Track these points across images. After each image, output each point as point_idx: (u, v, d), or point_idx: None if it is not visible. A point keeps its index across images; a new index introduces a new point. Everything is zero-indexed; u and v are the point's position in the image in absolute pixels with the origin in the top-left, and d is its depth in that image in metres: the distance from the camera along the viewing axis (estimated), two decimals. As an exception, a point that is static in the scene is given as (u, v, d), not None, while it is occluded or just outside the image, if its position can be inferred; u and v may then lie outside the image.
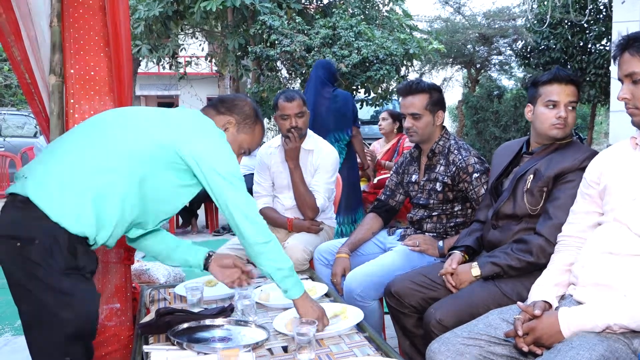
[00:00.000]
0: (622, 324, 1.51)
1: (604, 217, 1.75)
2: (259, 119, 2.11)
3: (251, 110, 2.08)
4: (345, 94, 4.84)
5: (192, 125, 1.89)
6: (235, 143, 2.02)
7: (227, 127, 2.02)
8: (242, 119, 2.05)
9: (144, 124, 1.85)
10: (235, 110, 2.05)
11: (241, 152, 2.08)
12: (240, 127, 2.05)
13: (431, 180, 2.64)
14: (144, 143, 1.79)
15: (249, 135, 2.07)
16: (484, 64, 15.18)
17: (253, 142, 2.10)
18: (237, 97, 2.12)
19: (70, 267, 1.70)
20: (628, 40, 1.65)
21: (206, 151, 1.83)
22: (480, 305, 1.99)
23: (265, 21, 8.40)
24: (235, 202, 1.82)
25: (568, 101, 2.12)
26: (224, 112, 2.04)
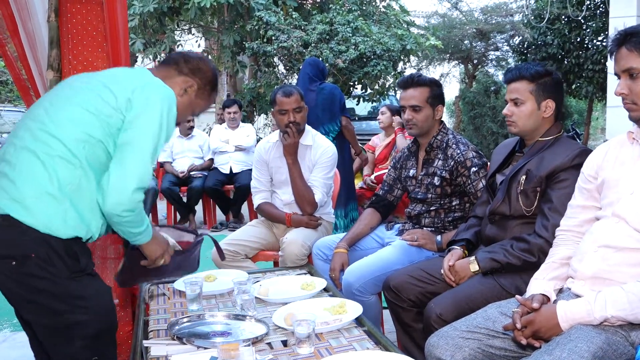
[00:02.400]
0: (620, 316, 1.52)
1: (602, 212, 1.76)
2: (216, 85, 2.06)
3: (213, 76, 2.02)
4: (331, 85, 4.89)
5: (131, 82, 1.78)
6: (190, 107, 1.99)
7: (187, 89, 1.95)
8: (203, 83, 1.99)
9: (80, 98, 1.75)
10: (199, 74, 1.98)
11: (193, 115, 2.08)
12: (200, 92, 1.99)
13: (429, 175, 2.65)
14: (87, 118, 1.71)
15: (205, 101, 2.03)
16: (481, 60, 15.20)
17: (204, 108, 2.07)
18: (201, 60, 2.03)
19: (74, 271, 1.70)
20: (625, 35, 1.64)
21: (140, 109, 1.74)
22: (479, 300, 2.00)
23: (261, 17, 8.39)
24: (128, 164, 1.70)
25: (510, 98, 2.18)
26: (187, 74, 1.96)
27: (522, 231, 2.12)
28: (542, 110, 2.15)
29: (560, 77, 2.21)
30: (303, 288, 2.25)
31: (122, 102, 1.73)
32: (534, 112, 2.15)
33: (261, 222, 3.25)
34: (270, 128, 11.22)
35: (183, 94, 1.94)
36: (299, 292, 2.20)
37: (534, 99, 2.14)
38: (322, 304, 2.04)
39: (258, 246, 3.09)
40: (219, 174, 6.27)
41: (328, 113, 4.71)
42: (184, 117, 2.00)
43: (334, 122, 4.74)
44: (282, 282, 2.36)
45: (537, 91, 2.14)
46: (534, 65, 2.17)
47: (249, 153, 6.17)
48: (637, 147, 1.71)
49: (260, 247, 3.10)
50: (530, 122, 2.16)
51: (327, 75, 5.21)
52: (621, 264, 1.63)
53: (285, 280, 2.40)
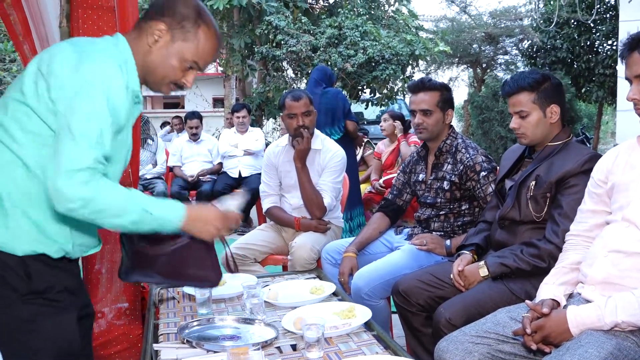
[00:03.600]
0: (631, 321, 1.51)
1: (612, 216, 1.75)
2: (202, 18, 1.59)
3: (190, 8, 1.59)
4: (335, 90, 4.93)
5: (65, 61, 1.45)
6: (172, 55, 1.57)
7: (158, 35, 1.56)
8: (177, 21, 1.57)
9: (18, 88, 1.48)
10: (167, 11, 1.57)
11: (186, 66, 1.60)
12: (176, 32, 1.57)
13: (438, 179, 2.65)
14: (23, 111, 1.45)
15: (191, 42, 1.58)
16: (489, 64, 15.16)
17: (199, 51, 1.59)
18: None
19: (28, 293, 1.46)
20: (636, 40, 1.63)
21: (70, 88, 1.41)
22: (489, 304, 1.99)
23: (271, 21, 8.43)
24: (62, 153, 1.37)
25: (514, 111, 2.17)
26: (153, 17, 1.57)
27: (532, 236, 2.11)
28: (548, 117, 2.14)
29: (558, 80, 2.20)
30: (312, 292, 2.25)
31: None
32: (541, 120, 2.14)
33: (270, 226, 3.26)
34: (279, 132, 11.25)
35: (154, 43, 1.56)
36: (308, 296, 2.21)
37: (538, 108, 2.13)
38: (331, 308, 2.04)
39: (267, 250, 3.10)
40: (228, 178, 6.29)
41: (330, 117, 4.74)
42: (170, 72, 1.60)
43: (336, 125, 4.76)
44: (291, 286, 2.37)
45: (540, 99, 2.13)
46: (530, 73, 2.15)
47: (257, 157, 6.19)
48: (648, 151, 1.71)
49: (269, 251, 3.11)
50: (538, 131, 2.15)
51: (334, 81, 5.25)
52: (632, 269, 1.62)
53: (294, 284, 2.40)
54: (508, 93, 2.17)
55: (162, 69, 1.58)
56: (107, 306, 2.51)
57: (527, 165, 2.25)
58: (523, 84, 2.12)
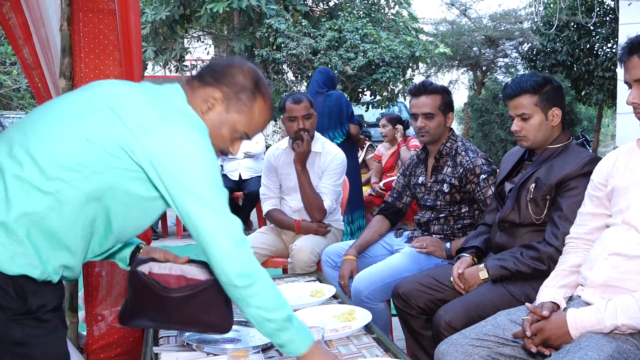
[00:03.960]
0: (631, 324, 1.52)
1: (612, 219, 1.75)
2: (260, 91, 1.56)
3: (249, 79, 1.54)
4: (337, 93, 4.93)
5: (145, 110, 1.40)
6: (224, 125, 1.53)
7: (213, 103, 1.52)
8: (233, 91, 1.53)
9: (78, 120, 1.39)
10: (225, 79, 1.53)
11: (235, 136, 1.57)
12: (232, 103, 1.53)
13: (438, 182, 2.65)
14: (80, 146, 1.36)
15: (245, 114, 1.54)
16: (489, 67, 15.17)
17: (252, 124, 1.57)
18: (230, 62, 1.59)
19: (19, 313, 1.36)
20: (635, 44, 1.63)
21: (163, 148, 1.35)
22: (489, 307, 1.99)
23: (271, 24, 8.44)
24: (206, 227, 1.36)
25: (516, 114, 2.15)
26: (210, 84, 1.53)
27: (532, 239, 2.11)
28: (550, 119, 2.14)
29: (559, 83, 2.20)
30: (312, 295, 2.25)
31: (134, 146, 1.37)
32: (543, 123, 2.14)
33: (270, 229, 3.26)
34: (280, 135, 11.26)
35: (207, 111, 1.52)
36: (308, 299, 2.21)
37: (540, 111, 2.13)
38: (331, 311, 2.04)
39: (267, 253, 3.10)
40: (228, 181, 6.28)
41: (334, 120, 4.74)
42: (219, 141, 1.55)
43: (338, 129, 4.76)
44: (291, 289, 2.36)
45: (542, 102, 2.13)
46: (531, 76, 2.15)
47: (258, 160, 6.19)
48: (647, 154, 1.71)
49: (269, 254, 3.11)
50: (540, 134, 2.15)
51: (336, 83, 5.25)
52: (632, 272, 1.62)
53: (294, 287, 2.40)
54: (510, 96, 2.16)
55: (212, 138, 1.49)
56: (107, 309, 2.51)
57: (526, 167, 2.25)
58: (525, 87, 2.12)
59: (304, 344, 1.45)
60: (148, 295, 1.60)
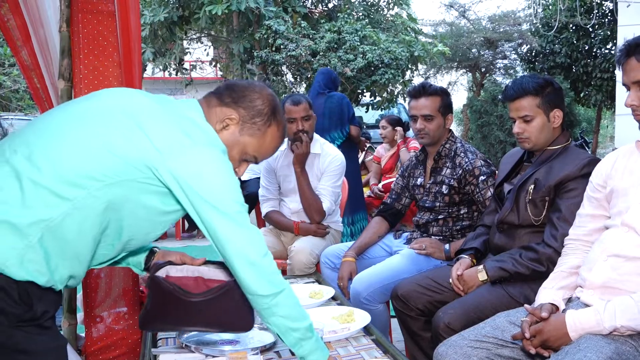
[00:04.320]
0: (630, 326, 1.52)
1: (611, 221, 1.75)
2: (275, 118, 1.60)
3: (267, 105, 1.59)
4: (339, 94, 4.93)
5: (170, 129, 1.41)
6: (236, 146, 1.57)
7: (228, 123, 1.56)
8: (250, 115, 1.57)
9: (102, 131, 1.39)
10: (243, 102, 1.57)
11: (244, 158, 1.62)
12: (246, 126, 1.57)
13: (437, 183, 2.65)
14: (104, 158, 1.35)
15: (257, 138, 1.59)
16: (488, 68, 15.18)
17: (262, 149, 1.61)
18: (251, 86, 1.62)
19: (23, 320, 1.34)
20: (634, 46, 1.63)
21: (190, 169, 1.38)
22: (488, 309, 1.99)
23: (270, 26, 8.44)
24: (233, 242, 1.41)
25: (518, 116, 2.15)
26: (228, 104, 1.57)
27: (531, 240, 2.11)
28: (551, 121, 2.14)
29: (559, 85, 2.21)
30: (311, 297, 2.25)
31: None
32: (545, 125, 2.14)
33: (269, 230, 3.26)
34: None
35: (222, 130, 1.55)
36: (307, 301, 2.20)
37: (542, 113, 2.13)
38: (330, 312, 2.04)
39: (266, 254, 3.09)
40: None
41: (335, 121, 4.74)
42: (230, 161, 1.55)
43: (339, 130, 4.76)
44: (290, 290, 2.36)
45: (544, 104, 2.12)
46: (532, 78, 2.15)
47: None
48: (646, 156, 1.71)
49: (268, 256, 3.10)
50: (542, 135, 2.15)
51: (338, 84, 5.24)
52: (631, 274, 1.62)
53: (293, 288, 2.37)
54: (511, 97, 2.16)
55: None
56: (106, 310, 2.50)
57: (525, 169, 2.25)
58: (528, 88, 2.12)
59: (323, 356, 1.51)
60: (169, 300, 1.63)
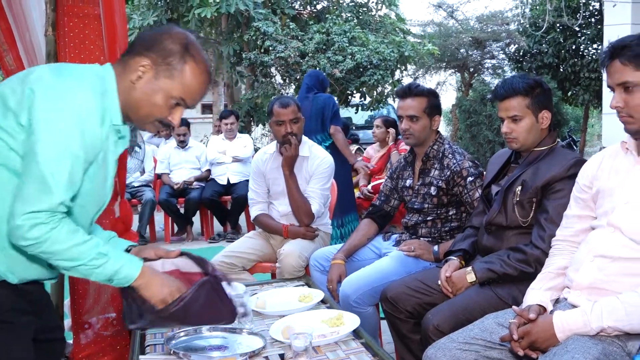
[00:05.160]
0: (617, 326, 1.52)
1: (597, 221, 1.76)
2: (189, 53, 1.52)
3: (177, 43, 1.52)
4: (325, 95, 4.94)
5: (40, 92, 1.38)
6: (157, 93, 1.51)
7: (142, 72, 1.50)
8: (162, 57, 1.50)
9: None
10: (153, 47, 1.51)
11: (172, 103, 1.53)
12: (161, 69, 1.50)
13: (426, 185, 2.65)
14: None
15: (176, 79, 1.51)
16: (477, 68, 15.23)
17: (186, 89, 1.52)
18: (159, 30, 1.57)
19: None
20: (618, 48, 1.63)
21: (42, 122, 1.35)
22: (476, 310, 2.00)
23: (259, 27, 8.44)
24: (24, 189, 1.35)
25: (507, 116, 2.16)
26: (139, 53, 1.51)
27: (519, 241, 2.12)
28: (540, 122, 2.15)
29: (548, 86, 2.22)
30: (300, 300, 2.25)
31: None
32: (534, 125, 2.15)
33: (258, 233, 3.25)
34: (268, 138, 11.25)
35: (137, 80, 1.50)
36: (297, 305, 2.20)
37: (531, 113, 2.14)
38: (319, 316, 2.04)
39: (255, 258, 3.09)
40: (216, 185, 6.27)
41: (321, 122, 4.75)
42: (155, 110, 1.53)
43: (326, 131, 4.77)
44: (280, 294, 2.36)
45: (534, 104, 2.13)
46: (522, 78, 2.16)
47: (246, 164, 6.18)
48: (631, 156, 1.72)
49: (257, 259, 3.10)
50: (531, 136, 2.16)
51: (327, 86, 5.25)
52: (617, 274, 1.63)
53: (282, 292, 2.39)
54: (501, 97, 2.16)
55: (146, 107, 1.52)
56: (95, 316, 2.49)
57: (513, 170, 2.26)
58: (517, 88, 2.13)
59: (132, 272, 1.48)
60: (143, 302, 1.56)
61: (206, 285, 1.60)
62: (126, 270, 1.47)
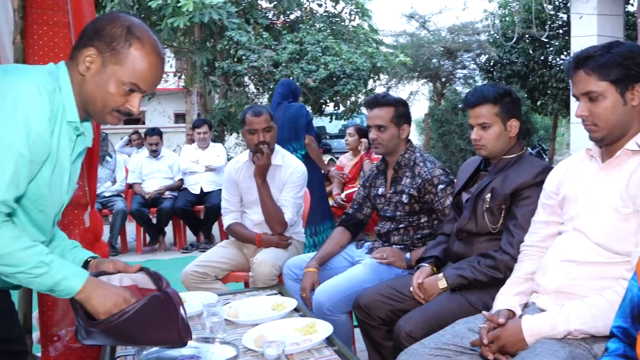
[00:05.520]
0: (583, 329, 1.56)
1: (563, 227, 1.80)
2: (134, 35, 1.47)
3: (119, 27, 1.46)
4: (298, 105, 4.97)
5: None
6: (107, 81, 1.46)
7: (89, 62, 1.46)
8: (106, 44, 1.45)
9: None
10: (96, 36, 1.46)
11: (125, 89, 1.48)
12: (106, 56, 1.45)
13: (397, 193, 2.68)
14: None
15: (125, 63, 1.45)
16: (449, 78, 15.41)
17: (136, 72, 1.46)
18: (101, 17, 1.53)
19: None
20: (582, 59, 1.68)
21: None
22: (448, 316, 2.02)
23: (232, 37, 8.42)
24: None
25: (476, 123, 2.21)
26: (85, 44, 1.47)
27: (489, 248, 2.15)
28: (508, 130, 2.20)
29: (518, 95, 2.27)
30: (274, 308, 2.24)
31: None
32: (502, 133, 2.19)
33: (231, 242, 3.24)
34: (242, 147, 11.22)
35: (86, 71, 1.46)
36: (270, 313, 2.20)
37: (500, 121, 2.19)
38: (292, 324, 2.04)
39: (228, 267, 3.07)
40: (189, 195, 6.23)
41: (294, 131, 4.76)
42: (110, 100, 1.48)
43: (299, 140, 4.79)
44: (253, 303, 2.35)
45: (502, 113, 2.18)
46: (493, 87, 2.21)
47: (219, 173, 6.15)
48: (595, 163, 1.77)
49: (230, 268, 3.08)
50: (499, 143, 2.20)
51: (299, 95, 5.27)
52: (583, 278, 1.66)
53: (255, 301, 2.39)
54: (471, 104, 2.21)
55: (100, 98, 1.47)
56: (64, 329, 2.45)
57: (482, 177, 2.30)
58: (487, 96, 2.17)
59: (76, 282, 1.42)
60: (86, 316, 1.49)
61: (155, 301, 1.51)
62: (68, 282, 1.41)
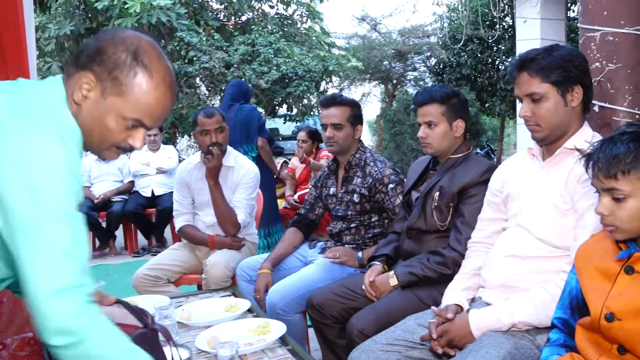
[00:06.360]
0: (526, 321, 1.62)
1: (507, 223, 1.87)
2: (140, 63, 1.22)
3: (123, 51, 1.21)
4: (249, 106, 4.95)
5: None
6: (106, 115, 1.22)
7: (86, 92, 1.21)
8: (107, 71, 1.21)
9: None
10: (97, 58, 1.21)
11: (127, 125, 1.24)
12: (107, 85, 1.21)
13: (349, 192, 2.71)
14: None
15: (127, 96, 1.22)
16: (400, 80, 15.63)
17: (141, 107, 1.23)
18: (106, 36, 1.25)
19: None
20: (525, 61, 1.73)
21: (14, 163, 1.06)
22: (398, 313, 2.05)
23: (182, 38, 8.33)
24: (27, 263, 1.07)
25: (423, 121, 2.28)
26: (84, 66, 1.22)
27: (438, 245, 2.21)
28: (454, 130, 2.26)
29: (465, 97, 2.34)
30: (227, 310, 2.23)
31: None
32: (447, 132, 2.26)
33: (183, 245, 3.20)
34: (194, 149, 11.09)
35: (83, 100, 1.22)
36: (223, 315, 2.19)
37: (446, 121, 2.25)
38: (246, 325, 2.04)
39: (180, 270, 3.04)
40: (140, 198, 6.12)
41: (246, 133, 4.74)
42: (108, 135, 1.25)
43: (251, 142, 4.77)
44: (206, 305, 2.34)
45: (448, 112, 2.25)
46: (441, 88, 2.28)
47: (171, 175, 6.06)
48: (537, 162, 1.84)
49: (182, 271, 3.05)
50: (444, 142, 2.26)
51: (250, 96, 5.25)
52: (526, 272, 1.73)
53: (208, 303, 2.37)
54: (420, 103, 2.27)
55: (97, 132, 1.24)
56: (9, 337, 2.37)
57: (431, 176, 2.36)
58: (435, 96, 2.24)
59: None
60: None
61: (141, 339, 1.37)
62: None
